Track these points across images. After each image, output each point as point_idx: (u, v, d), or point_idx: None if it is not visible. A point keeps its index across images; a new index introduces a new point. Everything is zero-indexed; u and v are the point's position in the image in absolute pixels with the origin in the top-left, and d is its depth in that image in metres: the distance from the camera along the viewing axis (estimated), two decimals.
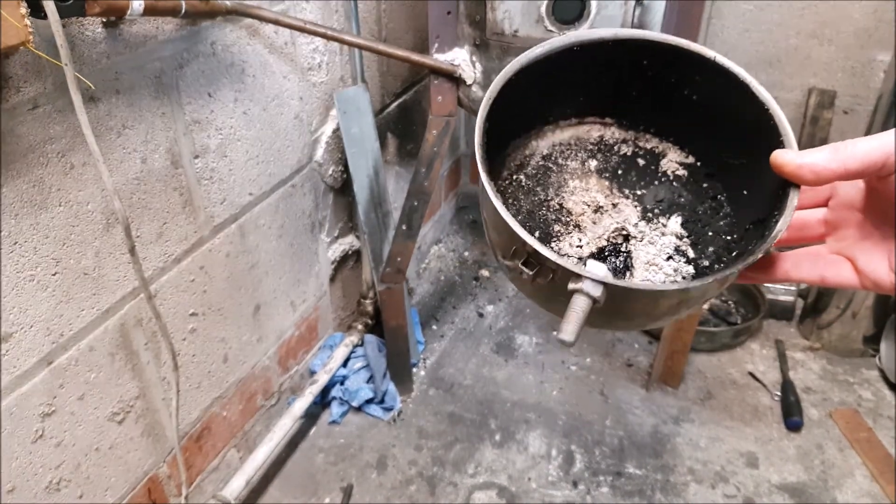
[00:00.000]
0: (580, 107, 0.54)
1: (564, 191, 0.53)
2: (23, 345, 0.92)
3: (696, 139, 0.51)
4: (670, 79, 0.48)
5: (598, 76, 0.50)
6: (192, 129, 1.13)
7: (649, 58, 0.48)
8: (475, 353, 1.90)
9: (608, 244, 0.51)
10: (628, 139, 0.54)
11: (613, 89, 0.51)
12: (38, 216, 0.89)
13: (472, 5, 1.26)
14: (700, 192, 0.51)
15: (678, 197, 0.52)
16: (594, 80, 0.51)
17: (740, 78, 0.44)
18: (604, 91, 0.52)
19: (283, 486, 1.52)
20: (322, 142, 1.54)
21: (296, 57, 1.37)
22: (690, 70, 0.47)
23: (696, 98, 0.48)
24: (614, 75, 0.50)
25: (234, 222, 1.30)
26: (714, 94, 0.47)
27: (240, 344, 1.40)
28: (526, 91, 0.48)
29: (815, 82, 1.86)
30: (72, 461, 1.04)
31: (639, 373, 1.82)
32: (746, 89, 0.44)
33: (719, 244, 0.49)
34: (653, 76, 0.49)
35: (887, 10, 1.70)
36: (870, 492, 1.48)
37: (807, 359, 1.86)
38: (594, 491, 1.50)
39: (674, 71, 0.48)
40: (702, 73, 0.46)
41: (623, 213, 0.52)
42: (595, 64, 0.49)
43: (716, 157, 0.51)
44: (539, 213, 0.53)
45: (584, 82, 0.51)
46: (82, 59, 0.89)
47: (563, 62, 0.48)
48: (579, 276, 0.39)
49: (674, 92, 0.49)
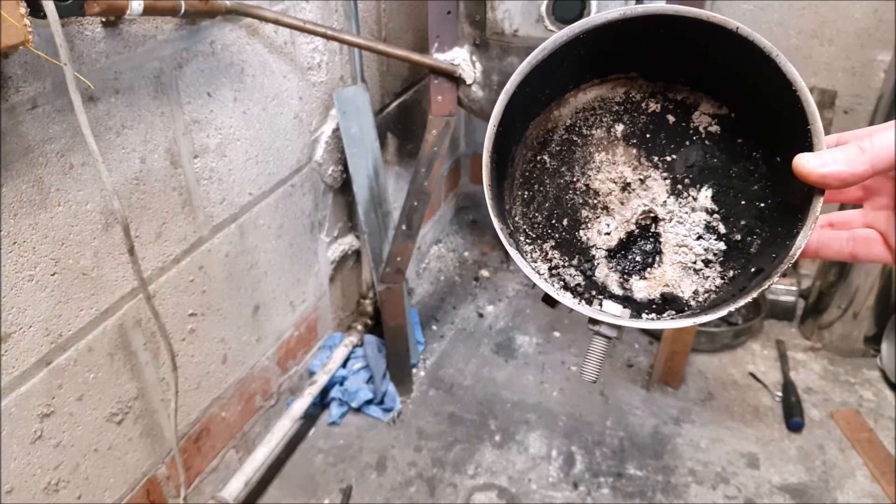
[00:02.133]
0: (602, 67, 0.50)
1: (590, 168, 0.51)
2: (21, 345, 0.91)
3: (727, 91, 0.48)
4: (692, 44, 0.45)
5: (615, 46, 0.47)
6: (192, 128, 1.13)
7: (666, 28, 0.44)
8: (475, 354, 1.90)
9: (637, 228, 0.50)
10: (657, 91, 0.50)
11: (634, 53, 0.48)
12: (38, 216, 0.89)
13: (471, 5, 1.26)
14: (734, 149, 0.48)
15: (711, 158, 0.48)
16: (612, 49, 0.47)
17: (766, 51, 0.42)
18: (625, 54, 0.48)
19: (283, 487, 1.52)
20: (322, 141, 1.54)
21: (295, 56, 1.37)
22: (712, 39, 0.43)
23: (721, 61, 0.45)
24: (632, 43, 0.47)
25: (234, 222, 1.30)
26: (739, 61, 0.44)
27: (239, 344, 1.40)
28: (536, 84, 0.47)
29: (816, 82, 1.86)
30: (70, 462, 1.04)
31: (639, 373, 1.82)
32: (772, 63, 0.42)
33: (752, 214, 0.47)
34: (671, 47, 0.46)
35: (888, 9, 1.70)
36: (871, 492, 1.48)
37: (808, 359, 1.86)
38: (595, 492, 1.49)
39: (694, 39, 0.45)
40: (725, 42, 0.43)
41: (651, 191, 0.50)
42: (607, 41, 0.46)
43: (749, 110, 0.47)
44: (566, 197, 0.51)
45: (602, 53, 0.48)
46: (81, 59, 0.89)
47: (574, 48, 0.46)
48: (596, 321, 0.41)
49: (698, 54, 0.46)
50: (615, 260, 0.50)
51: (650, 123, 0.50)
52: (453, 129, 1.44)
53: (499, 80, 1.29)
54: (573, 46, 0.46)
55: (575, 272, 0.51)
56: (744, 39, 0.42)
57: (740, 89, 0.46)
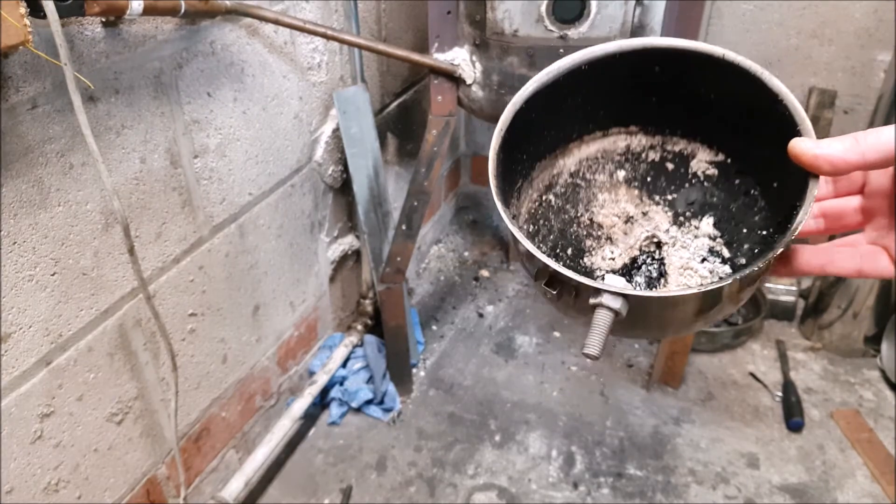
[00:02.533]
0: (603, 120, 0.53)
1: (594, 205, 0.53)
2: (21, 345, 0.91)
3: (723, 136, 0.50)
4: (686, 82, 0.48)
5: (615, 89, 0.50)
6: (192, 128, 1.13)
7: (660, 63, 0.48)
8: (475, 354, 1.90)
9: (641, 253, 0.50)
10: (655, 144, 0.53)
11: (633, 100, 0.51)
12: (37, 216, 0.89)
13: (471, 5, 1.26)
14: (732, 188, 0.50)
15: (710, 196, 0.51)
16: (613, 94, 0.51)
17: (752, 71, 0.44)
18: (624, 102, 0.51)
19: (283, 487, 1.52)
20: (322, 141, 1.54)
21: (295, 56, 1.37)
22: (702, 70, 0.46)
23: (714, 97, 0.48)
24: (631, 86, 0.50)
25: (234, 222, 1.30)
26: (730, 90, 0.46)
27: (239, 344, 1.40)
28: (542, 115, 0.49)
29: (816, 82, 1.86)
30: (70, 462, 1.04)
31: (639, 373, 1.82)
32: (759, 82, 0.43)
33: (755, 240, 0.48)
34: (669, 81, 0.49)
35: (888, 9, 1.70)
36: (871, 492, 1.48)
37: (808, 359, 1.86)
38: (595, 492, 1.49)
39: (687, 73, 0.47)
40: (714, 71, 0.45)
41: (654, 221, 0.51)
42: (609, 78, 0.49)
43: (745, 152, 0.49)
44: (570, 230, 0.53)
45: (603, 97, 0.51)
46: (81, 59, 0.89)
47: (576, 82, 0.48)
48: (598, 291, 0.39)
49: (693, 94, 0.49)
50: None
51: (650, 170, 0.53)
52: (453, 129, 1.44)
53: (499, 79, 1.29)
54: (577, 81, 0.48)
55: None
56: (731, 64, 0.44)
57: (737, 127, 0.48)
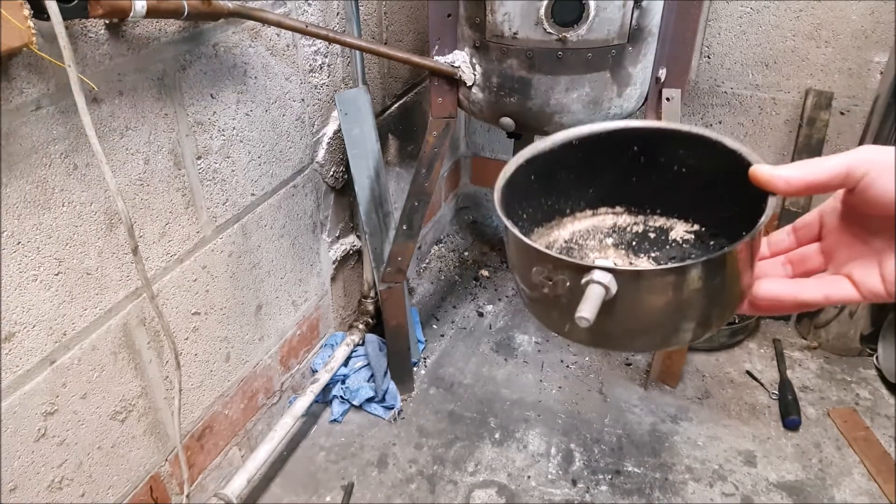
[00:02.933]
0: (592, 199, 0.63)
1: (586, 260, 0.60)
2: (25, 344, 0.92)
3: (697, 208, 0.59)
4: (661, 159, 0.57)
5: (603, 167, 0.60)
6: (195, 130, 1.14)
7: (636, 143, 0.57)
8: (475, 353, 1.91)
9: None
10: (638, 221, 0.62)
11: (619, 179, 0.61)
12: (42, 216, 0.90)
13: (472, 8, 1.26)
14: (708, 248, 0.58)
15: (689, 255, 0.59)
16: (601, 171, 0.60)
17: (713, 139, 0.52)
18: (611, 181, 0.61)
19: (285, 484, 1.53)
20: (323, 143, 1.55)
21: (297, 59, 1.38)
22: (675, 145, 0.56)
23: (686, 171, 0.57)
24: (617, 164, 0.59)
25: (237, 222, 1.31)
26: (701, 160, 0.55)
27: (242, 343, 1.41)
28: (541, 182, 0.58)
29: (812, 83, 1.87)
30: (74, 460, 1.05)
31: (637, 372, 1.83)
32: (722, 146, 0.52)
33: None
34: (647, 161, 0.58)
35: (885, 11, 1.71)
36: (868, 490, 1.49)
37: (804, 358, 1.87)
38: (593, 489, 1.51)
39: (662, 150, 0.57)
40: (684, 145, 0.55)
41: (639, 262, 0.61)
42: (597, 155, 0.58)
43: (716, 217, 0.58)
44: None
45: (592, 175, 0.61)
46: (85, 61, 0.90)
47: (569, 155, 0.58)
48: (589, 268, 0.42)
49: (668, 170, 0.58)
50: None
51: (634, 238, 0.62)
52: (453, 130, 1.45)
53: (498, 81, 1.30)
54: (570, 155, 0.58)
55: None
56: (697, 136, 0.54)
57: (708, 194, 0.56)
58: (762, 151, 2.01)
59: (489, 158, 2.45)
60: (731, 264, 0.45)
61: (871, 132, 1.66)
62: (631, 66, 1.29)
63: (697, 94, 2.01)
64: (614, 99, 1.32)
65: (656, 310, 0.45)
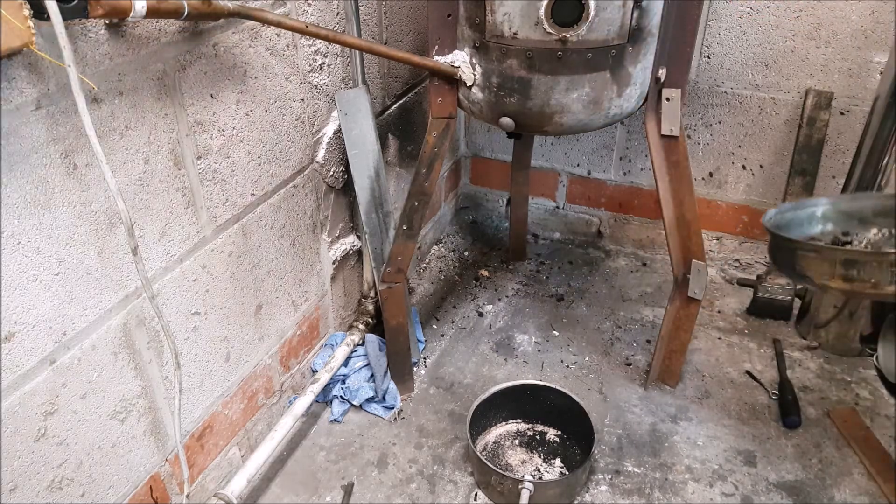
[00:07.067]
0: (507, 416, 1.59)
1: (507, 456, 1.51)
2: (25, 344, 0.92)
3: (559, 423, 1.56)
4: (541, 397, 1.55)
5: (514, 399, 1.57)
6: (195, 130, 1.14)
7: (529, 390, 1.57)
8: (475, 352, 1.91)
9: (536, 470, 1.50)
10: (529, 428, 1.56)
11: (520, 406, 1.55)
12: (42, 216, 0.90)
13: (472, 8, 1.26)
14: (566, 444, 1.50)
15: (558, 448, 1.44)
16: (512, 401, 1.57)
17: (566, 392, 1.50)
18: (517, 407, 1.57)
19: (285, 484, 1.53)
20: (323, 143, 1.55)
21: (297, 59, 1.38)
22: (546, 391, 1.55)
23: (552, 405, 1.54)
24: (521, 398, 1.57)
25: (237, 222, 1.31)
26: (558, 400, 1.53)
27: (242, 343, 1.41)
28: (485, 409, 1.55)
29: (812, 83, 1.87)
30: (74, 460, 1.05)
31: (637, 372, 1.83)
32: (566, 394, 1.50)
33: (574, 461, 1.51)
34: (533, 397, 1.57)
35: (885, 11, 1.71)
36: (868, 490, 1.49)
37: (804, 358, 1.87)
38: (593, 489, 1.50)
39: (541, 393, 1.56)
40: (551, 391, 1.54)
41: (535, 462, 1.49)
42: (511, 394, 1.57)
43: (569, 429, 1.55)
44: (499, 466, 1.49)
45: (507, 404, 1.57)
46: (85, 61, 0.90)
47: (501, 395, 1.56)
48: (522, 480, 1.23)
49: (544, 401, 1.54)
50: None
51: (531, 438, 1.51)
52: (453, 130, 1.45)
53: (498, 82, 1.30)
54: (501, 396, 1.57)
55: None
56: (558, 390, 1.54)
57: (566, 417, 1.52)
58: (762, 151, 2.01)
59: (489, 159, 2.45)
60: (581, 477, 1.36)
61: (871, 132, 1.66)
62: (631, 66, 1.29)
63: (697, 94, 2.01)
64: (614, 99, 1.32)
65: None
